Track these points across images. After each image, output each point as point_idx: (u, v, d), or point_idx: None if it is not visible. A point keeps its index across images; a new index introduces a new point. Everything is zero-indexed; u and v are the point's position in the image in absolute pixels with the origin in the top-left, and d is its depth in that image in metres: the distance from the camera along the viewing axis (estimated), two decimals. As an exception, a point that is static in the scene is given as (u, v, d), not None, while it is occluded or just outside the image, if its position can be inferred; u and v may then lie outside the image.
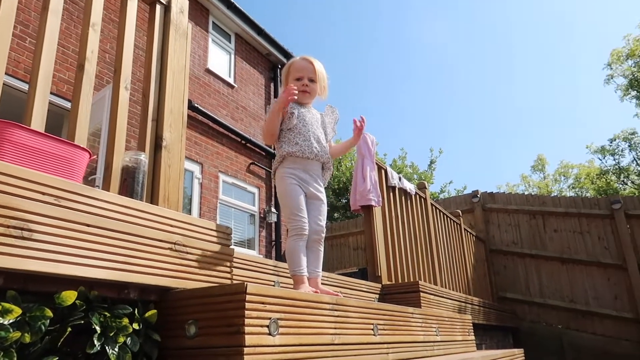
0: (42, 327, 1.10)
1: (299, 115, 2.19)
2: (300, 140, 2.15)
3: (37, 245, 1.12)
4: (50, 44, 1.63)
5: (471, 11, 45.07)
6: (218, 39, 9.43)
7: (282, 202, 2.15)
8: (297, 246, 2.06)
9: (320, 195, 2.20)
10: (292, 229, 2.08)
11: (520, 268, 7.67)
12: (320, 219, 2.20)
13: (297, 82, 2.25)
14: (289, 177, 2.13)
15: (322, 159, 2.20)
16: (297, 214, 2.07)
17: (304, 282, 2.01)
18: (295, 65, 2.30)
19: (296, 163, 2.15)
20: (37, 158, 1.30)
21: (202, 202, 7.92)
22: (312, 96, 2.29)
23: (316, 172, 2.21)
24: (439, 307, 3.89)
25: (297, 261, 2.05)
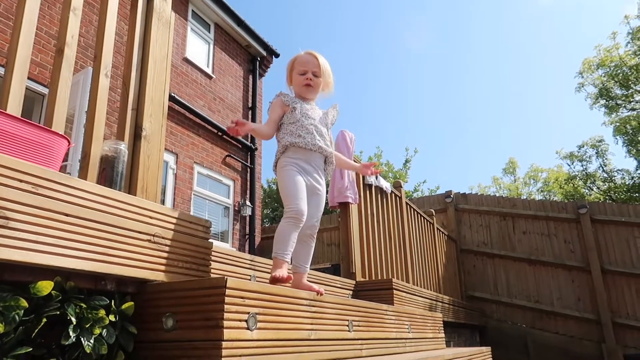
0: (16, 317, 1.08)
1: (301, 110, 2.17)
2: (303, 132, 2.12)
3: (13, 233, 1.10)
4: (29, 26, 1.58)
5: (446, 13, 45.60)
6: (197, 28, 9.30)
7: (282, 191, 2.08)
8: (289, 230, 1.98)
9: (319, 189, 2.16)
10: (289, 211, 1.99)
11: (490, 268, 7.84)
12: (316, 213, 2.16)
13: (301, 76, 2.23)
14: (291, 165, 2.09)
15: (325, 152, 2.17)
16: (297, 197, 2.00)
17: (281, 267, 1.93)
18: (299, 60, 2.27)
19: (298, 153, 2.11)
20: (14, 144, 1.26)
21: (176, 193, 7.83)
22: (315, 91, 2.27)
23: (318, 165, 2.17)
24: (411, 305, 3.95)
25: (284, 244, 1.97)
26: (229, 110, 9.67)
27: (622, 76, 17.63)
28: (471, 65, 47.61)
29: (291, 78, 2.30)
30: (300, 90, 2.26)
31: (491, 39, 47.10)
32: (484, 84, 48.23)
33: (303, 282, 2.03)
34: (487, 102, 47.44)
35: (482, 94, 47.69)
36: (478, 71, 47.91)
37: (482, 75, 48.17)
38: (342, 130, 4.02)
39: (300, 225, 2.01)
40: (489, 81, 48.50)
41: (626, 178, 18.99)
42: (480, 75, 48.03)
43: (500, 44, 46.53)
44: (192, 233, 1.66)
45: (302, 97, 2.26)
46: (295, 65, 2.28)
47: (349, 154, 3.94)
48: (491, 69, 47.56)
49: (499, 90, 47.88)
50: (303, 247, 2.13)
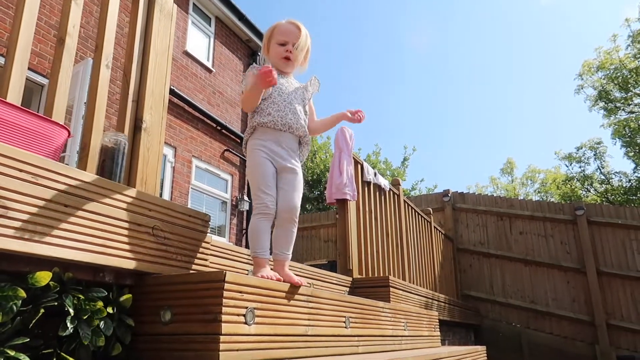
0: (14, 307, 1.07)
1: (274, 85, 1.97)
2: (273, 110, 1.95)
3: (12, 223, 1.09)
4: (29, 16, 1.57)
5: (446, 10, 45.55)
6: (198, 21, 9.26)
7: (249, 176, 1.96)
8: (260, 226, 1.86)
9: (294, 167, 1.98)
10: (256, 206, 1.88)
11: (486, 267, 7.86)
12: (294, 195, 1.95)
13: (281, 47, 2.05)
14: (259, 149, 1.93)
15: (297, 132, 1.99)
16: (263, 191, 1.87)
17: (264, 266, 1.81)
18: (280, 29, 2.08)
19: (267, 134, 1.95)
20: (14, 133, 1.25)
21: (174, 186, 7.81)
22: (294, 65, 2.08)
23: (291, 146, 2.00)
24: (407, 302, 3.96)
25: (259, 242, 1.85)
26: (228, 105, 9.65)
27: (622, 79, 17.66)
28: (470, 64, 47.60)
29: (269, 48, 2.11)
30: (278, 63, 2.08)
31: (491, 38, 47.09)
32: (483, 84, 48.25)
33: (284, 271, 1.86)
34: (486, 101, 47.47)
35: (481, 94, 47.71)
36: (477, 70, 47.90)
37: (481, 74, 48.18)
38: (342, 127, 4.01)
39: (270, 218, 1.89)
40: (488, 81, 48.51)
41: (623, 180, 19.05)
42: (480, 75, 48.04)
43: (500, 43, 46.53)
44: (191, 226, 1.66)
45: (279, 70, 2.08)
46: (275, 34, 2.08)
47: (348, 150, 3.94)
48: (491, 68, 47.57)
49: (498, 90, 47.91)
50: (283, 232, 1.94)
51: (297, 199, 1.98)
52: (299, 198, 2.00)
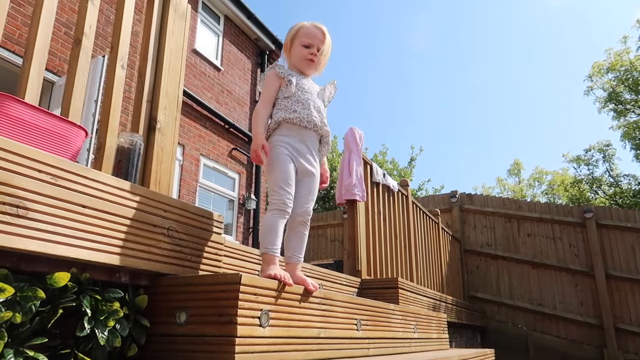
0: (33, 307, 1.08)
1: (297, 83, 1.99)
2: (299, 107, 1.94)
3: (32, 224, 1.09)
4: (47, 16, 1.58)
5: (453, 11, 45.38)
6: (207, 20, 9.27)
7: (268, 172, 1.92)
8: (275, 222, 1.81)
9: (312, 171, 1.96)
10: (274, 202, 1.83)
11: (493, 269, 7.83)
12: (309, 199, 1.95)
13: (305, 49, 2.05)
14: (282, 146, 1.90)
15: (320, 130, 1.98)
16: (283, 187, 1.83)
17: (275, 263, 1.75)
18: (305, 30, 2.07)
19: (292, 131, 1.93)
20: (33, 134, 1.26)
21: (182, 184, 7.84)
22: (315, 68, 2.10)
23: (313, 145, 1.98)
24: (416, 304, 3.95)
25: (272, 238, 1.80)
26: (236, 103, 9.66)
27: (632, 81, 17.52)
28: (478, 65, 47.39)
29: (291, 47, 2.10)
30: (301, 65, 2.08)
31: (499, 38, 46.87)
32: (490, 84, 48.04)
33: (297, 274, 1.81)
34: (494, 102, 47.26)
35: (488, 94, 47.51)
36: (485, 71, 47.70)
37: (489, 75, 47.96)
38: (352, 127, 4.01)
39: (286, 216, 1.86)
40: (495, 81, 48.29)
41: (632, 183, 18.90)
42: (487, 75, 47.83)
43: (508, 44, 46.30)
44: (204, 227, 1.66)
45: (300, 71, 2.09)
46: (300, 34, 2.08)
47: (357, 151, 3.94)
48: (499, 69, 47.34)
49: (506, 90, 47.68)
50: (296, 236, 1.93)
51: (312, 204, 1.98)
52: (313, 202, 1.99)
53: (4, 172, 1.06)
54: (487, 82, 48.16)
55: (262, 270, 1.74)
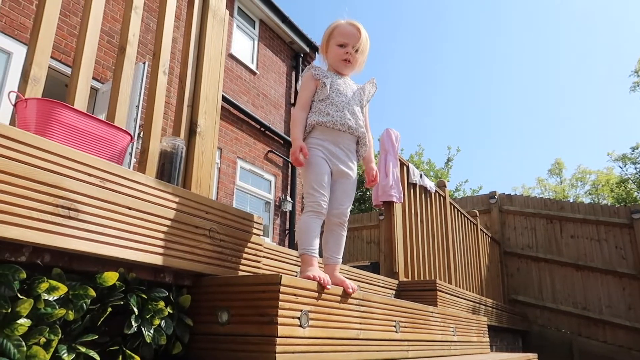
0: (84, 305, 1.12)
1: (332, 86, 1.98)
2: (332, 110, 1.93)
3: (82, 225, 1.14)
4: (94, 25, 1.64)
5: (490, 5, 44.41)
6: (242, 25, 9.42)
7: (303, 175, 1.92)
8: (310, 223, 1.82)
9: (348, 173, 1.95)
10: (308, 204, 1.85)
11: (534, 272, 7.62)
12: (345, 200, 1.96)
13: (340, 48, 2.03)
14: (316, 148, 1.90)
15: (356, 132, 1.96)
16: (317, 189, 1.84)
17: (313, 265, 1.75)
18: (340, 30, 2.05)
19: (325, 134, 1.92)
20: (83, 139, 1.32)
21: (220, 187, 7.98)
22: (353, 67, 2.08)
23: (349, 147, 1.97)
24: (454, 307, 3.89)
25: (309, 239, 1.80)
26: (271, 106, 9.77)
27: (682, 75, 16.70)
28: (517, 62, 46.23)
29: (327, 48, 2.09)
30: (337, 65, 2.07)
31: (539, 34, 45.60)
32: (530, 82, 46.78)
33: (335, 275, 1.81)
34: (532, 100, 45.98)
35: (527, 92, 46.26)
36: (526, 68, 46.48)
37: (528, 72, 46.71)
38: (388, 129, 3.99)
39: (322, 217, 1.86)
40: (536, 79, 46.98)
41: (683, 182, 18.01)
42: (527, 73, 46.59)
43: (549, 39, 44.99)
44: (245, 229, 1.69)
45: (336, 71, 2.08)
46: (335, 34, 2.06)
47: (394, 152, 3.91)
48: (539, 65, 46.03)
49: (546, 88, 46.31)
50: (333, 237, 1.94)
51: (348, 205, 1.98)
52: (350, 204, 1.99)
53: (57, 176, 1.11)
54: (526, 80, 46.92)
55: (301, 271, 1.75)
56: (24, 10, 5.44)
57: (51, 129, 1.25)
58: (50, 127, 1.25)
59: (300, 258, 1.82)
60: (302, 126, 1.96)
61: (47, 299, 1.05)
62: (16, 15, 5.35)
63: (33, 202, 1.05)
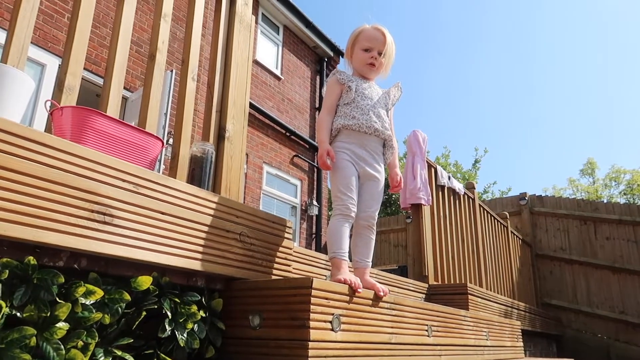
0: (119, 309, 1.14)
1: (357, 89, 1.98)
2: (357, 114, 1.93)
3: (117, 230, 1.16)
4: (125, 36, 1.68)
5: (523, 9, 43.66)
6: (267, 31, 9.50)
7: (331, 182, 1.92)
8: (339, 227, 1.82)
9: (375, 175, 1.95)
10: (337, 207, 1.85)
11: (568, 275, 7.42)
12: (373, 203, 1.95)
13: (365, 53, 2.03)
14: (342, 151, 1.90)
15: (382, 135, 1.96)
16: (344, 192, 1.84)
17: (343, 268, 1.74)
18: (365, 34, 2.05)
19: (351, 137, 1.92)
20: (116, 145, 1.34)
21: (246, 192, 8.04)
22: (377, 71, 2.07)
23: (375, 150, 1.97)
24: (486, 311, 3.81)
25: (338, 243, 1.80)
26: (297, 111, 9.81)
27: None
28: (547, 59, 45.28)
29: (352, 52, 2.09)
30: (362, 69, 2.07)
31: (567, 29, 44.61)
32: (559, 79, 45.76)
33: (366, 278, 1.80)
34: (562, 98, 44.95)
35: (556, 90, 45.26)
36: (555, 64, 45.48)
37: (558, 69, 45.69)
38: (415, 130, 3.95)
39: (350, 220, 1.86)
40: (565, 75, 45.93)
41: None
42: (557, 69, 45.58)
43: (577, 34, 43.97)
44: (274, 233, 1.69)
45: (361, 75, 2.08)
46: (360, 39, 2.06)
47: (421, 154, 3.87)
48: (569, 61, 44.99)
49: (576, 85, 45.23)
50: (362, 240, 1.93)
51: (376, 208, 1.96)
52: (378, 207, 1.98)
53: (92, 182, 1.13)
54: (554, 77, 45.92)
55: (332, 275, 1.74)
56: (56, 23, 5.62)
57: (86, 136, 1.27)
58: (85, 134, 1.27)
59: (330, 262, 1.82)
60: (328, 130, 1.96)
61: (84, 303, 1.07)
62: (49, 28, 5.52)
63: (70, 208, 1.07)
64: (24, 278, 0.99)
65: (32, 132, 1.06)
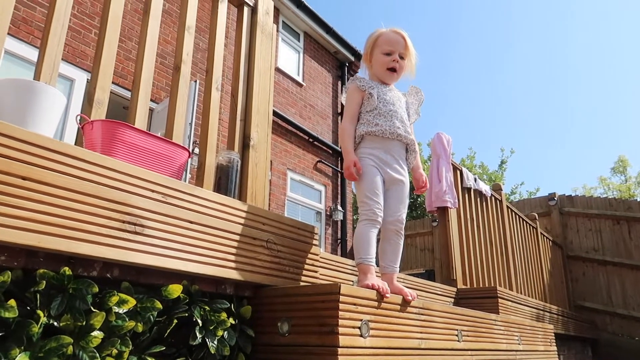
0: (151, 317, 1.16)
1: (378, 95, 1.97)
2: (380, 120, 1.92)
3: (148, 240, 1.18)
4: (150, 50, 1.72)
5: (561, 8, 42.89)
6: (287, 38, 9.57)
7: (357, 188, 1.92)
8: (366, 232, 1.80)
9: (401, 178, 1.94)
10: (363, 213, 1.84)
11: (602, 276, 7.21)
12: (400, 207, 1.93)
13: (386, 57, 2.01)
14: (366, 157, 1.89)
15: (405, 139, 1.95)
16: (370, 197, 1.82)
17: (371, 273, 1.72)
18: (384, 38, 2.03)
19: (375, 142, 1.92)
20: (145, 156, 1.37)
21: (271, 198, 8.09)
22: (398, 75, 2.05)
23: (399, 154, 1.96)
24: (517, 314, 3.74)
25: (366, 248, 1.78)
26: (319, 117, 9.84)
27: None
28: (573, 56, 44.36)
29: (372, 56, 2.07)
30: (382, 74, 2.04)
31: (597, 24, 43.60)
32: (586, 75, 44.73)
33: (394, 284, 1.79)
34: (589, 94, 43.89)
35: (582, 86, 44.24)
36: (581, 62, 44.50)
37: (585, 66, 44.69)
38: (439, 133, 3.92)
39: (377, 225, 1.84)
40: (592, 72, 44.88)
41: None
42: (584, 67, 44.59)
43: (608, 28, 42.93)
44: (300, 239, 1.70)
45: (381, 80, 2.06)
46: (380, 42, 2.04)
47: (446, 156, 3.83)
48: (595, 58, 43.95)
49: (603, 81, 44.11)
50: (389, 245, 1.91)
51: (404, 212, 1.95)
52: (405, 210, 1.96)
53: (123, 193, 1.16)
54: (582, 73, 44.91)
55: (359, 280, 1.73)
56: (84, 39, 5.78)
57: (116, 149, 1.30)
58: (115, 146, 1.31)
59: (357, 267, 1.80)
60: (352, 139, 1.95)
61: (118, 311, 1.09)
62: (77, 44, 5.68)
63: (102, 219, 1.10)
64: (60, 288, 1.02)
65: (66, 147, 1.09)
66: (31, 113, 1.22)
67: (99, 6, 6.04)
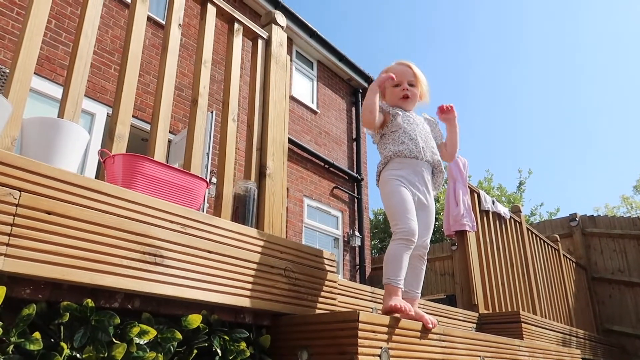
0: (172, 348, 1.17)
1: (403, 117, 2.02)
2: (406, 139, 1.95)
3: (167, 270, 1.20)
4: (169, 86, 1.77)
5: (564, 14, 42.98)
6: (301, 67, 9.74)
7: (387, 206, 1.89)
8: (400, 253, 1.76)
9: (427, 204, 1.95)
10: (399, 231, 1.79)
11: (629, 298, 7.00)
12: (425, 232, 1.93)
13: (396, 88, 2.09)
14: (396, 179, 1.90)
15: (432, 159, 1.97)
16: (404, 214, 1.80)
17: (396, 295, 1.70)
18: (392, 72, 2.11)
19: (403, 164, 1.92)
20: (164, 188, 1.40)
21: (288, 225, 8.10)
22: (413, 101, 2.12)
23: (426, 176, 1.97)
24: (541, 339, 3.64)
25: (397, 269, 1.74)
26: (334, 143, 9.90)
27: None
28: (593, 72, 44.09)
29: (385, 93, 2.14)
30: (398, 104, 2.10)
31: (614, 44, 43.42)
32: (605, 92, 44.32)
33: (415, 310, 1.75)
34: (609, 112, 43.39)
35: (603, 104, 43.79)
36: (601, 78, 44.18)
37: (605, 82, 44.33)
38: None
39: (412, 246, 1.80)
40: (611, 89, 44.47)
41: None
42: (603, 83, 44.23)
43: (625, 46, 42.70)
44: (318, 266, 1.70)
45: (401, 107, 2.10)
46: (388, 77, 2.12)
47: (462, 179, 3.82)
48: (616, 74, 43.59)
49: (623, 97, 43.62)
50: (412, 270, 1.90)
51: (428, 237, 1.95)
52: (430, 236, 1.97)
53: (143, 225, 1.19)
54: (600, 91, 44.51)
55: (384, 301, 1.71)
56: (104, 74, 5.96)
57: (136, 181, 1.34)
58: (136, 179, 1.34)
59: (385, 287, 1.77)
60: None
61: (139, 342, 1.10)
62: (97, 79, 5.86)
63: (123, 251, 1.13)
64: (83, 320, 1.04)
65: (88, 181, 1.12)
66: (56, 149, 1.27)
67: (119, 43, 6.24)
